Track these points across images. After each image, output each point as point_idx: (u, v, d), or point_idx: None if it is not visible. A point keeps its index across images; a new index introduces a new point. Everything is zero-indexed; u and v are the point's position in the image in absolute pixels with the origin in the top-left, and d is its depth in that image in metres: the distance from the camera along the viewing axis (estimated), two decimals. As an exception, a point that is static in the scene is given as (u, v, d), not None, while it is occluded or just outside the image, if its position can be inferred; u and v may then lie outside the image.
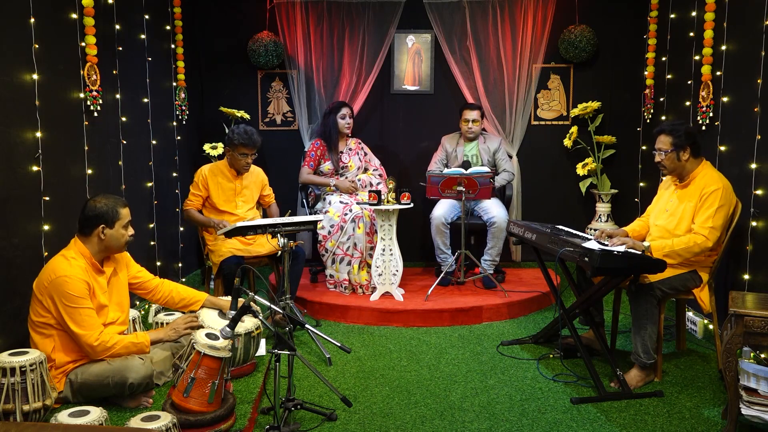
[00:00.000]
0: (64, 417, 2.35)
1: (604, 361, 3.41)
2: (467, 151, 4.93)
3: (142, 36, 4.26)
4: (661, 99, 4.65)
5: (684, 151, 3.26)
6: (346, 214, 4.51)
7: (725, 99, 3.74)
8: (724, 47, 3.75)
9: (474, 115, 4.85)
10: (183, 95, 4.91)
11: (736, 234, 3.34)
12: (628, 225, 3.67)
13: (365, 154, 4.99)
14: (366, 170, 4.95)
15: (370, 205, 4.30)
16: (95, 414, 2.37)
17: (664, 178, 3.59)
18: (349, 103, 4.98)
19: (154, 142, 4.42)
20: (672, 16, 4.49)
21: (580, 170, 5.22)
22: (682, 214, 3.28)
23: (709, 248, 3.18)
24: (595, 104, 5.16)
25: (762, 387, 2.52)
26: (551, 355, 3.63)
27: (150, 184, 4.38)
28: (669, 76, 4.53)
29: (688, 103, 4.20)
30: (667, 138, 3.28)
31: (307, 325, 3.05)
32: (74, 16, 3.41)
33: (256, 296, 2.70)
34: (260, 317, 2.65)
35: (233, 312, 2.73)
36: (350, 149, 4.90)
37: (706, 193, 3.18)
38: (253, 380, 3.14)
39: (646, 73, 4.83)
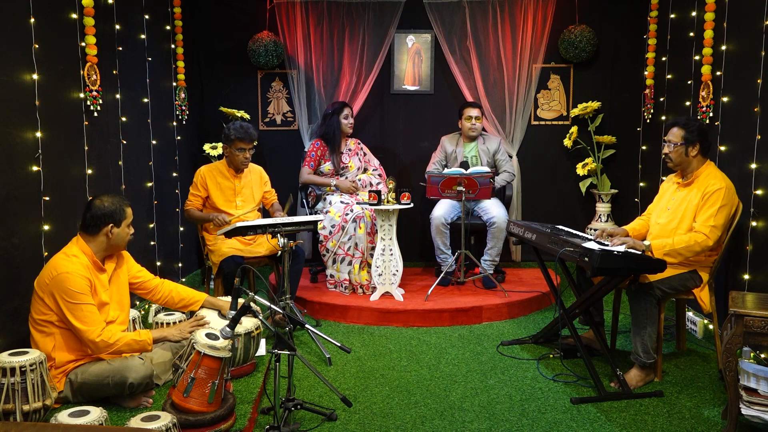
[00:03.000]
0: (64, 417, 2.35)
1: (604, 361, 3.41)
2: (467, 152, 4.93)
3: (142, 36, 4.26)
4: (661, 99, 4.65)
5: (693, 147, 3.27)
6: (347, 214, 4.51)
7: (725, 99, 3.74)
8: (724, 47, 3.75)
9: (476, 113, 4.86)
10: (183, 95, 4.91)
11: (736, 234, 3.34)
12: (628, 224, 3.67)
13: (365, 154, 4.99)
14: (365, 170, 4.95)
15: (370, 205, 4.30)
16: (95, 414, 2.37)
17: (665, 178, 3.59)
18: (349, 103, 4.98)
19: (154, 142, 4.42)
20: (672, 16, 4.48)
21: (580, 170, 5.22)
22: (684, 213, 3.27)
23: (709, 247, 3.18)
24: (595, 104, 5.16)
25: (762, 387, 2.52)
26: (551, 355, 3.63)
27: (150, 184, 4.38)
28: (669, 76, 4.53)
29: (688, 103, 4.20)
30: (680, 131, 3.30)
31: (307, 325, 3.05)
32: (74, 16, 3.41)
33: (256, 296, 2.70)
34: (260, 317, 2.65)
35: (233, 312, 2.73)
36: (350, 149, 4.90)
37: (708, 192, 3.18)
38: (253, 380, 3.14)
39: (646, 73, 4.83)
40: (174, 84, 4.83)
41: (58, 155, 3.24)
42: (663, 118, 4.60)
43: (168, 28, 4.71)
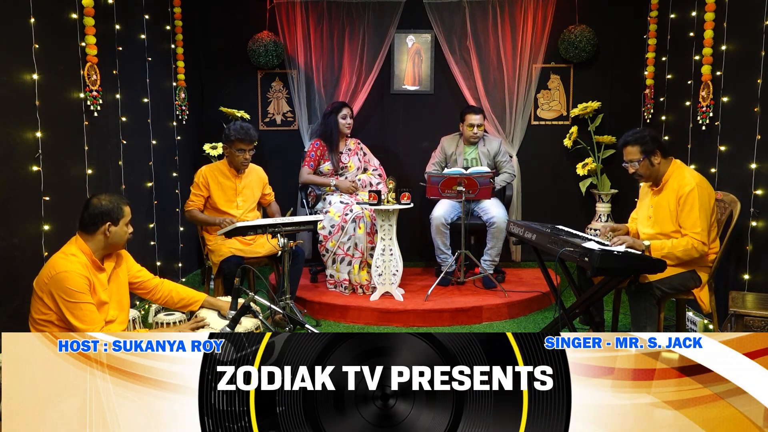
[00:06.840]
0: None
1: (604, 361, 3.41)
2: (467, 155, 4.92)
3: (142, 36, 4.26)
4: (661, 99, 4.65)
5: (654, 156, 3.26)
6: (347, 214, 4.51)
7: (725, 99, 3.74)
8: (724, 47, 3.75)
9: (478, 120, 4.82)
10: (183, 95, 4.91)
11: (736, 234, 3.34)
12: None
13: (364, 154, 4.99)
14: (365, 170, 4.95)
15: (370, 205, 4.29)
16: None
17: (642, 185, 3.59)
18: (348, 104, 4.98)
19: (154, 142, 4.42)
20: (672, 16, 4.49)
21: (580, 170, 5.22)
22: (664, 220, 3.27)
23: (705, 251, 3.18)
24: (595, 104, 5.16)
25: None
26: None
27: (150, 184, 4.38)
28: (669, 76, 4.53)
29: (688, 103, 4.20)
30: (634, 148, 3.29)
31: (307, 325, 3.05)
32: (74, 16, 3.41)
33: (256, 296, 2.70)
34: (260, 317, 2.65)
35: (233, 312, 2.73)
36: (350, 149, 4.90)
37: (682, 195, 3.17)
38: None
39: (646, 73, 4.83)
40: (174, 84, 4.83)
41: (58, 155, 3.24)
42: (663, 118, 4.60)
43: (168, 28, 4.72)
